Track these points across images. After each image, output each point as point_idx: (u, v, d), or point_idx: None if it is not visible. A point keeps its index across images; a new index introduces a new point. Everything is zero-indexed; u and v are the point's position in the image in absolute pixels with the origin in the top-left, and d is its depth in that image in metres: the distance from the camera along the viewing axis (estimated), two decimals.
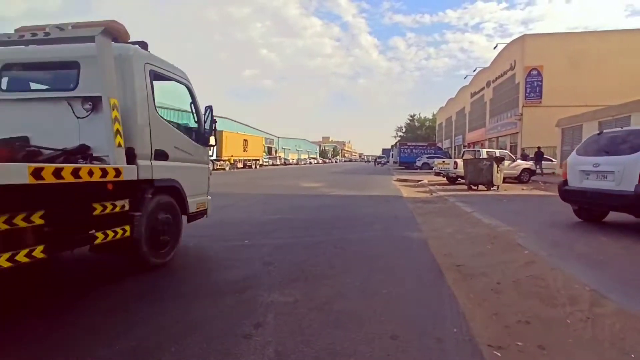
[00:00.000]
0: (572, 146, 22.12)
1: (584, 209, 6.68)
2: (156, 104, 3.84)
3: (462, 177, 15.64)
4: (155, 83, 3.83)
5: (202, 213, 4.77)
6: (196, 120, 4.64)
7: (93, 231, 3.01)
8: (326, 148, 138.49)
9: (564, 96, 26.82)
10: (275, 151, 77.98)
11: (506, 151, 17.82)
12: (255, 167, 43.39)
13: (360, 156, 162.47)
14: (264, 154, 57.14)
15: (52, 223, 2.65)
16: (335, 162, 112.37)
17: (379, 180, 20.05)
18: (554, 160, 24.14)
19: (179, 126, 4.38)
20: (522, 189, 13.75)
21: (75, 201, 2.94)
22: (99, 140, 3.35)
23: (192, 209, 4.42)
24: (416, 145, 43.50)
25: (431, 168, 37.60)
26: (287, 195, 12.11)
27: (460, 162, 15.29)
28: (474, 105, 43.05)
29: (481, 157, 15.32)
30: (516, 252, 4.57)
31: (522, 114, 28.09)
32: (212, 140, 4.92)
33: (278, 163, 61.36)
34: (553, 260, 4.14)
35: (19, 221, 2.42)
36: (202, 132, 4.67)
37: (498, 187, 13.05)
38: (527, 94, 27.77)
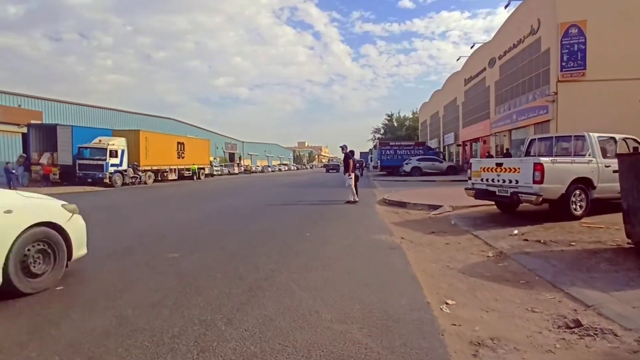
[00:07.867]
0: None
1: None
2: None
3: (551, 203, 6.25)
4: None
5: None
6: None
7: None
8: (301, 153, 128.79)
9: (616, 65, 18.26)
10: (240, 157, 67.67)
11: (632, 137, 8.38)
12: (199, 178, 33.31)
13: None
14: (214, 159, 46.75)
15: None
16: (310, 167, 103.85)
17: (344, 208, 10.12)
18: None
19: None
20: None
21: None
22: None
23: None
24: (400, 145, 34.42)
25: (423, 173, 29.10)
26: None
27: (552, 165, 5.86)
28: (471, 93, 34.47)
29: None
30: None
31: (556, 93, 19.35)
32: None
33: (236, 171, 50.94)
34: None
35: None
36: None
37: None
38: (563, 63, 19.05)
